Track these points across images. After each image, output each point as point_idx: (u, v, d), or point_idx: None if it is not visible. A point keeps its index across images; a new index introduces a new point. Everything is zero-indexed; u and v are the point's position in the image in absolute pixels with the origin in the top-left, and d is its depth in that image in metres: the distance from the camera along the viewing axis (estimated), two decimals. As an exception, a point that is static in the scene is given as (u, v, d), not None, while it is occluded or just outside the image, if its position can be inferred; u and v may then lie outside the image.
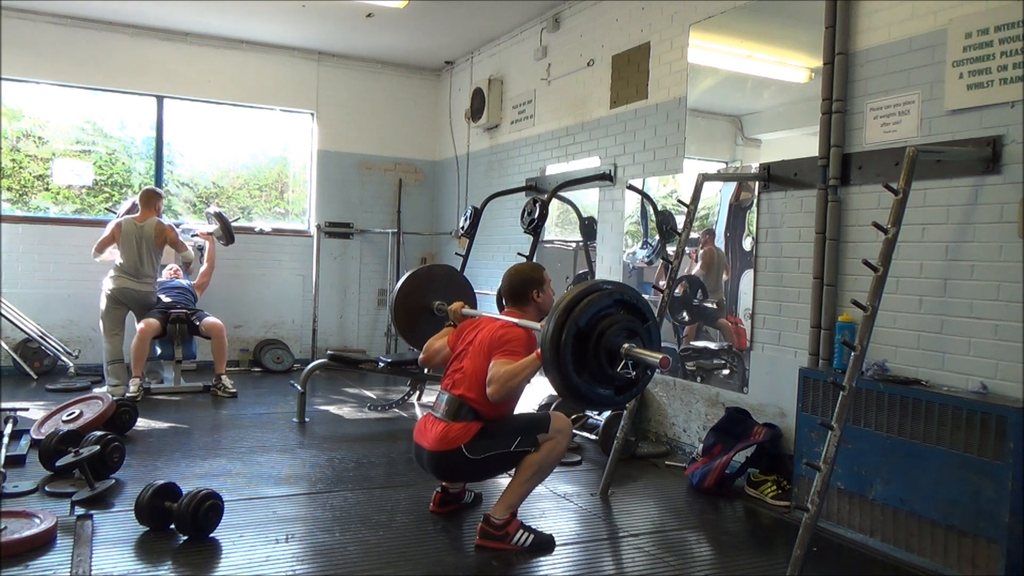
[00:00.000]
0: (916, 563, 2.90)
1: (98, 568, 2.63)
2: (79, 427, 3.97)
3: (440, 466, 3.04)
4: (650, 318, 2.73)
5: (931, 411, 2.88)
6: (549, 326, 2.57)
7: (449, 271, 4.27)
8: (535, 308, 3.15)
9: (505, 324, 3.05)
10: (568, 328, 2.54)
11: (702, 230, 4.41)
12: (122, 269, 5.60)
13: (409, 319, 3.97)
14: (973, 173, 2.97)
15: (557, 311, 2.58)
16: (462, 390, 3.01)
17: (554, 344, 2.55)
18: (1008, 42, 2.85)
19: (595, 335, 2.57)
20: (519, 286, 3.17)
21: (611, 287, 2.68)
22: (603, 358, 2.58)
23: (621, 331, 2.59)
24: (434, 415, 3.06)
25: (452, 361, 3.17)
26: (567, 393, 2.64)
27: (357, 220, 7.57)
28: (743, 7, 4.14)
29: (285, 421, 5.03)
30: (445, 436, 2.94)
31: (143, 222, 5.68)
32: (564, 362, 2.55)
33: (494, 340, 2.99)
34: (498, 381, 2.84)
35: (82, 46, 6.43)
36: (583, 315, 2.55)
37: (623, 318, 2.61)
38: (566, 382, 2.58)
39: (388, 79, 7.65)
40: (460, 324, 3.34)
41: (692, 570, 2.86)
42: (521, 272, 3.22)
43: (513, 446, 2.94)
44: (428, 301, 3.93)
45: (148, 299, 5.70)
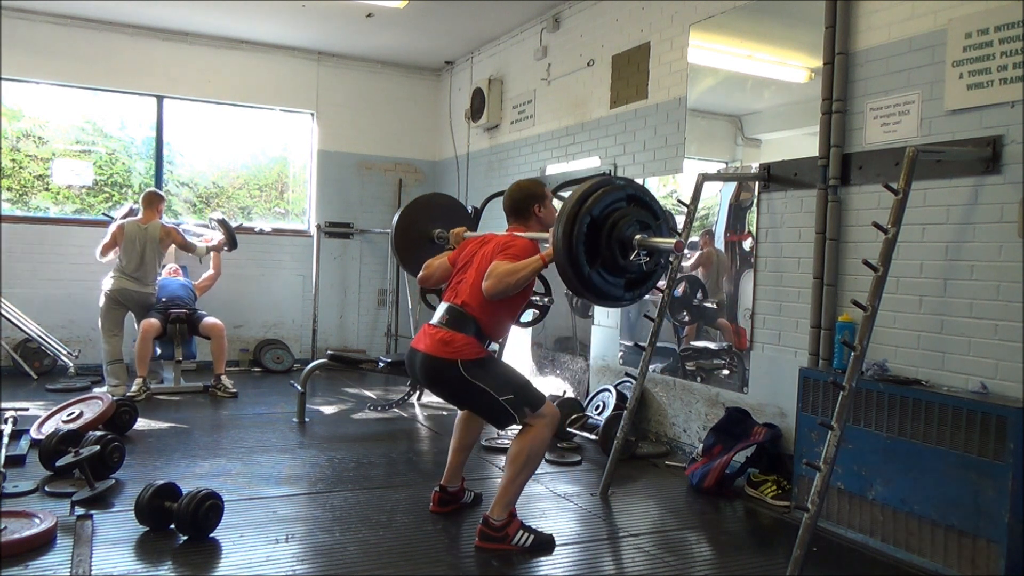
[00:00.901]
0: (916, 563, 2.90)
1: (98, 568, 2.63)
2: (79, 427, 3.97)
3: (431, 372, 2.95)
4: (661, 216, 2.76)
5: (931, 411, 2.88)
6: (561, 218, 2.57)
7: (450, 200, 4.11)
8: (537, 223, 3.12)
9: (510, 234, 3.02)
10: (581, 217, 2.55)
11: (701, 231, 4.40)
12: (123, 270, 5.59)
13: (409, 248, 3.85)
14: (973, 173, 2.97)
15: (570, 202, 2.58)
16: (463, 298, 2.96)
17: (567, 234, 2.54)
18: (1008, 42, 2.85)
19: (608, 225, 2.59)
20: (520, 200, 3.13)
21: (623, 182, 2.72)
22: (616, 248, 2.59)
23: (634, 223, 2.62)
24: (432, 323, 3.00)
25: (455, 274, 3.13)
26: (579, 285, 2.62)
27: (357, 220, 7.57)
28: (743, 7, 4.14)
29: (285, 421, 5.03)
30: (447, 341, 2.88)
31: (146, 224, 5.69)
32: (577, 252, 2.54)
33: (497, 248, 2.94)
34: (495, 276, 2.77)
35: (82, 46, 6.43)
36: (596, 205, 2.57)
37: (635, 212, 2.64)
38: (578, 272, 2.57)
39: (388, 79, 7.65)
40: (463, 242, 3.27)
41: (692, 570, 2.86)
42: (523, 187, 3.18)
43: (503, 398, 2.86)
44: (428, 229, 3.83)
45: (148, 300, 5.70)
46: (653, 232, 2.69)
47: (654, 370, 4.64)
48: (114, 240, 5.64)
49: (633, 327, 4.94)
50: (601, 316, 5.27)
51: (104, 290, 5.59)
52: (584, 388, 5.34)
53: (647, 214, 2.70)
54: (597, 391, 4.87)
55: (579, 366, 5.50)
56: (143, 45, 6.64)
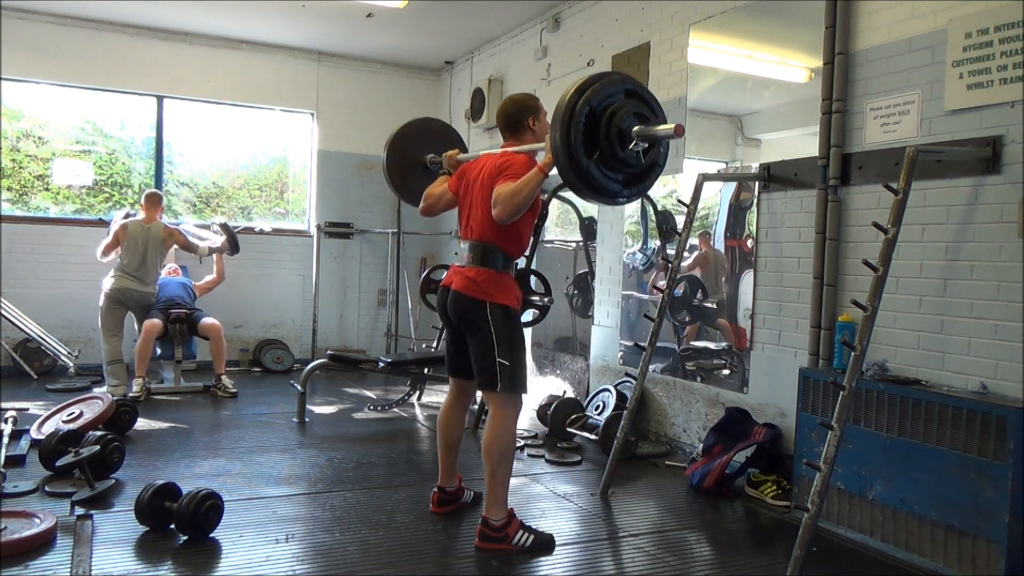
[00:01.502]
0: (916, 563, 2.90)
1: (98, 568, 2.63)
2: (79, 427, 3.97)
3: (460, 307, 2.98)
4: (659, 112, 2.73)
5: (931, 411, 2.88)
6: (559, 108, 2.54)
7: (443, 125, 4.03)
8: (532, 136, 3.09)
9: (504, 153, 3.00)
10: (580, 109, 2.52)
11: (698, 232, 4.40)
12: (124, 269, 5.60)
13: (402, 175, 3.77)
14: (973, 173, 2.97)
15: (568, 93, 2.55)
16: (479, 232, 2.97)
17: (565, 124, 2.51)
18: (1008, 42, 2.85)
19: (606, 116, 2.56)
20: (514, 114, 3.10)
21: (620, 76, 2.69)
22: (614, 139, 2.56)
23: (631, 115, 2.59)
24: (461, 266, 3.02)
25: (461, 208, 3.12)
26: (575, 176, 2.58)
27: (357, 220, 7.57)
28: (743, 7, 4.14)
29: (285, 421, 5.03)
30: (476, 279, 2.92)
31: (149, 224, 5.71)
32: (575, 143, 2.51)
33: (494, 170, 2.93)
34: (502, 201, 2.77)
35: (82, 46, 6.44)
36: (595, 96, 2.54)
37: (633, 105, 2.62)
38: (575, 165, 2.54)
39: (388, 79, 7.65)
40: (459, 168, 3.26)
41: (692, 570, 2.86)
42: (515, 100, 3.15)
43: (499, 358, 2.89)
44: (420, 155, 3.75)
45: (148, 300, 5.71)
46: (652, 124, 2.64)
47: (654, 370, 4.64)
48: (116, 240, 5.64)
49: (633, 327, 4.94)
50: (601, 316, 5.27)
51: (104, 289, 5.59)
52: (584, 388, 5.34)
53: (645, 108, 2.66)
54: (597, 391, 4.87)
55: (579, 366, 5.50)
56: (143, 45, 6.65)
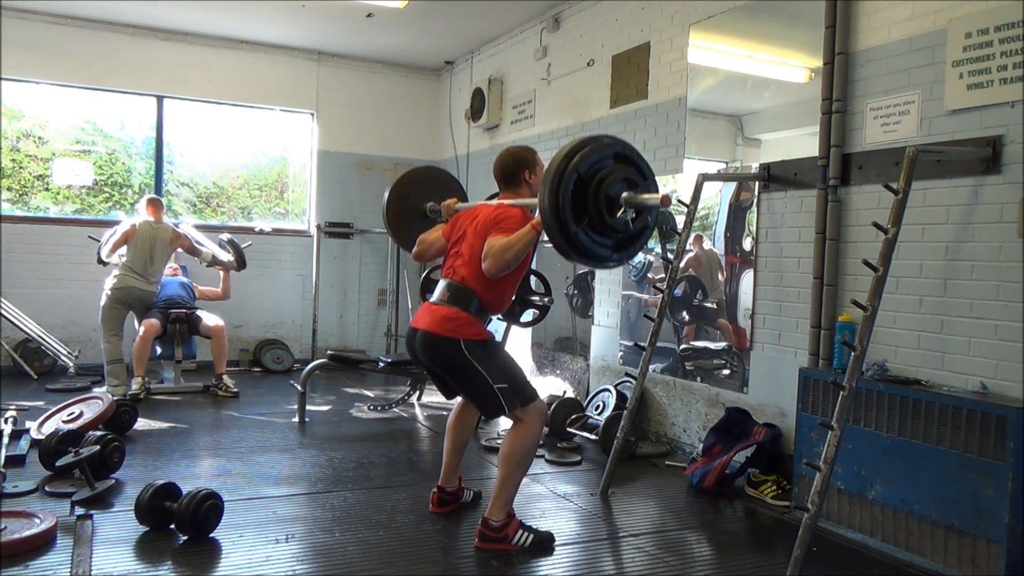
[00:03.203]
0: (916, 563, 2.90)
1: (98, 568, 2.63)
2: (79, 427, 3.97)
3: (432, 349, 2.93)
4: (649, 176, 2.72)
5: (931, 411, 2.88)
6: (548, 174, 2.54)
7: (442, 173, 4.06)
8: (528, 190, 3.10)
9: (500, 205, 2.99)
10: (568, 174, 2.51)
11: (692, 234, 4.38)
12: (130, 268, 5.60)
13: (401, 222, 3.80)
14: (973, 173, 2.97)
15: (557, 159, 2.55)
16: (462, 273, 2.95)
17: (553, 191, 2.51)
18: (1008, 42, 2.85)
19: (595, 183, 2.55)
20: (511, 166, 3.11)
21: (609, 140, 2.68)
22: (603, 205, 2.55)
23: (620, 180, 2.58)
24: (433, 302, 2.99)
25: (450, 249, 3.11)
26: (565, 243, 2.58)
27: (357, 220, 7.57)
28: (743, 7, 4.14)
29: (285, 421, 5.03)
30: (448, 319, 2.87)
31: (158, 225, 5.76)
32: (563, 209, 2.51)
33: (489, 221, 2.92)
34: (493, 254, 2.76)
35: (82, 46, 6.43)
36: (584, 162, 2.54)
37: (623, 170, 2.61)
38: (564, 231, 2.53)
39: (388, 79, 7.65)
40: (455, 215, 3.26)
41: (692, 570, 2.86)
42: (513, 153, 3.16)
43: (497, 385, 2.85)
44: (420, 203, 3.77)
45: (150, 299, 5.72)
46: (641, 190, 2.63)
47: (654, 370, 4.64)
48: (125, 238, 5.64)
49: (633, 327, 4.94)
50: (601, 316, 5.27)
51: (108, 288, 5.58)
52: (584, 388, 5.34)
53: (634, 172, 2.65)
54: (597, 391, 4.87)
55: (579, 366, 5.50)
56: (143, 45, 6.65)
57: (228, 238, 6.30)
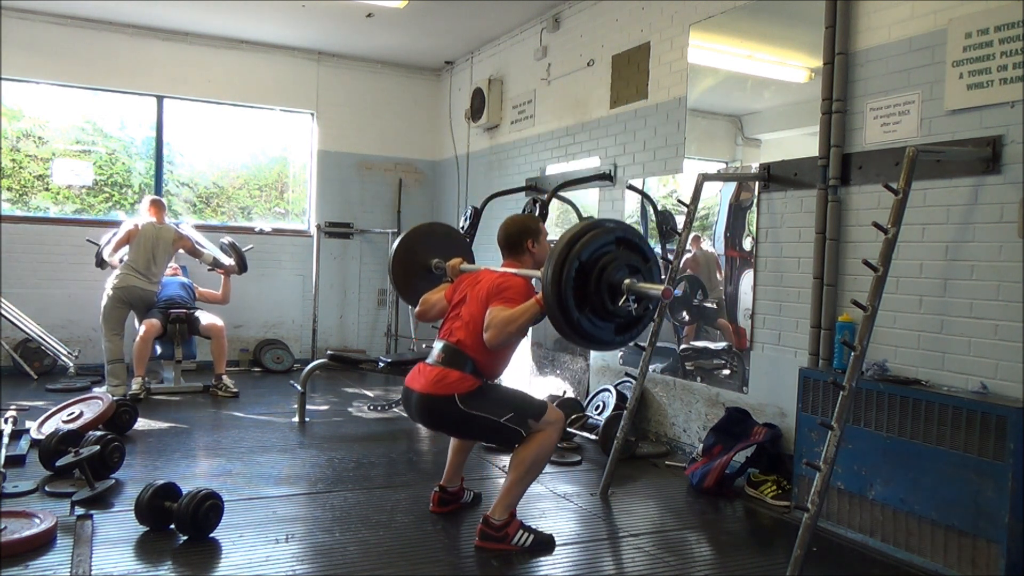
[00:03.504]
0: (916, 563, 2.90)
1: (98, 568, 2.63)
2: (79, 427, 3.97)
3: (428, 410, 2.96)
4: (651, 258, 2.74)
5: (931, 411, 2.88)
6: (550, 261, 2.56)
7: (448, 229, 4.12)
8: (531, 258, 3.12)
9: (504, 274, 3.01)
10: (570, 262, 2.54)
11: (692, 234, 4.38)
12: (133, 268, 5.60)
13: (407, 277, 3.86)
14: (973, 173, 2.97)
15: (559, 247, 2.57)
16: (460, 336, 2.96)
17: (556, 278, 2.53)
18: (1008, 42, 2.85)
19: (596, 270, 2.57)
20: (515, 235, 3.14)
21: (612, 224, 2.69)
22: (604, 293, 2.57)
23: (623, 267, 2.60)
24: (429, 363, 3.01)
25: (450, 311, 3.13)
26: (568, 330, 2.60)
27: (357, 220, 7.57)
28: (743, 7, 4.14)
29: (285, 421, 5.03)
30: (442, 379, 2.89)
31: (160, 225, 5.77)
32: (565, 297, 2.53)
33: (492, 289, 2.94)
34: (496, 326, 2.79)
35: (82, 46, 6.43)
36: (585, 250, 2.55)
37: (624, 255, 2.62)
38: (567, 318, 2.55)
39: (388, 79, 7.65)
40: (458, 277, 3.29)
41: (692, 570, 2.86)
42: (517, 222, 3.19)
43: (504, 418, 2.87)
44: (426, 259, 3.82)
45: (152, 299, 5.73)
46: (643, 276, 2.65)
47: (654, 370, 4.64)
48: (128, 237, 5.65)
49: (633, 327, 4.93)
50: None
51: (109, 287, 5.58)
52: (584, 388, 5.34)
53: (636, 257, 2.67)
54: (597, 391, 4.87)
55: (579, 366, 5.50)
56: (143, 45, 6.65)
57: (229, 241, 6.30)
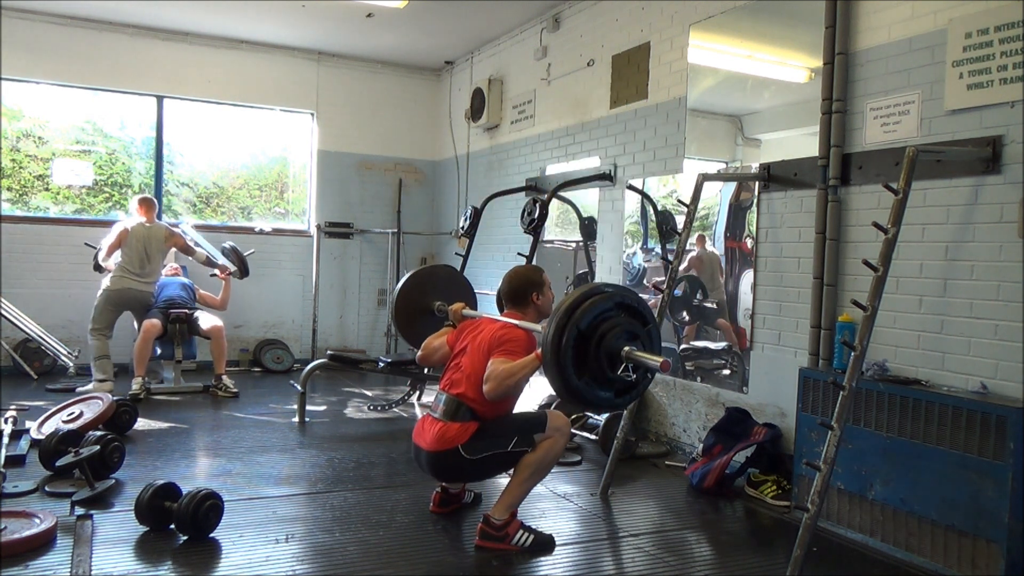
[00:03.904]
0: (916, 563, 2.90)
1: (98, 568, 2.63)
2: (79, 427, 3.97)
3: (438, 467, 3.04)
4: (651, 321, 2.73)
5: (931, 411, 2.88)
6: (550, 329, 2.57)
7: (450, 272, 4.27)
8: (535, 310, 3.16)
9: (505, 325, 3.05)
10: (569, 331, 2.54)
11: (695, 234, 4.39)
12: (126, 269, 5.60)
13: (409, 319, 3.97)
14: (973, 173, 2.97)
15: (558, 314, 2.57)
16: (461, 389, 3.00)
17: (555, 346, 2.54)
18: (1008, 42, 2.85)
19: (596, 337, 2.57)
20: (519, 288, 3.17)
21: (612, 290, 2.69)
22: (604, 360, 2.57)
23: (622, 334, 2.59)
24: (432, 415, 3.06)
25: (451, 361, 3.17)
26: (567, 395, 2.63)
27: (357, 220, 7.57)
28: (743, 7, 4.14)
29: (285, 421, 5.03)
30: (443, 436, 2.95)
31: (151, 224, 5.74)
32: (565, 364, 2.54)
33: (493, 340, 2.99)
34: (495, 379, 2.84)
35: (82, 46, 6.43)
36: (584, 318, 2.55)
37: (624, 321, 2.61)
38: (566, 384, 2.57)
39: (388, 79, 7.65)
40: (460, 324, 3.34)
41: (692, 570, 2.86)
42: (520, 274, 3.23)
43: (510, 446, 2.93)
44: (429, 301, 3.92)
45: (148, 299, 5.73)
46: (642, 342, 2.63)
47: (654, 370, 4.63)
48: (119, 240, 5.64)
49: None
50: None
51: (103, 288, 5.57)
52: (584, 388, 5.33)
53: (636, 322, 2.66)
54: (597, 391, 4.86)
55: (579, 366, 5.49)
56: (143, 45, 6.64)
57: (231, 246, 6.30)
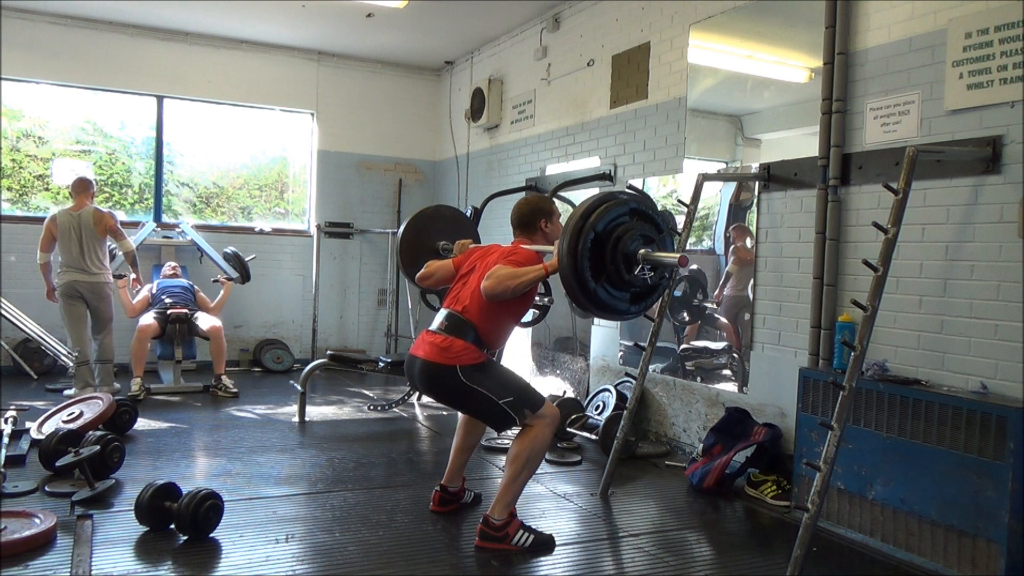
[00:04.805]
0: (916, 563, 2.90)
1: (98, 568, 2.63)
2: (79, 427, 3.97)
3: (429, 378, 2.97)
4: (664, 229, 2.77)
5: (931, 411, 2.88)
6: (566, 233, 2.59)
7: (455, 212, 4.10)
8: (543, 237, 3.13)
9: (515, 245, 3.05)
10: (586, 233, 2.57)
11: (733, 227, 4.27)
12: (66, 263, 5.32)
13: (414, 258, 3.83)
14: (973, 173, 2.97)
15: (574, 217, 2.60)
16: (465, 303, 2.97)
17: (572, 249, 2.56)
18: (1008, 42, 2.85)
19: (612, 240, 2.61)
20: (528, 215, 3.16)
21: (626, 196, 2.73)
22: (620, 263, 2.60)
23: (637, 237, 2.63)
24: (431, 330, 3.01)
25: (456, 281, 3.14)
26: (584, 300, 2.64)
27: (357, 220, 7.57)
28: (743, 7, 4.14)
29: (285, 421, 5.03)
30: (445, 348, 2.90)
31: (79, 211, 5.34)
32: (582, 268, 2.57)
33: (500, 257, 2.97)
34: (496, 277, 2.78)
35: (82, 46, 6.43)
36: (600, 221, 2.59)
37: (639, 226, 2.66)
38: (583, 288, 2.59)
39: (388, 79, 7.65)
40: (468, 249, 3.30)
41: (692, 570, 2.86)
42: (530, 201, 3.21)
43: (502, 401, 2.87)
44: (433, 241, 3.83)
45: (102, 290, 5.40)
46: (657, 246, 2.69)
47: (654, 370, 4.64)
48: (50, 234, 5.35)
49: (633, 327, 4.93)
50: (601, 316, 5.26)
51: (57, 289, 5.36)
52: (584, 388, 5.34)
53: (651, 227, 2.71)
54: (597, 391, 4.87)
55: (579, 366, 5.50)
56: (143, 45, 6.65)
57: (232, 251, 6.29)
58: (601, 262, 2.63)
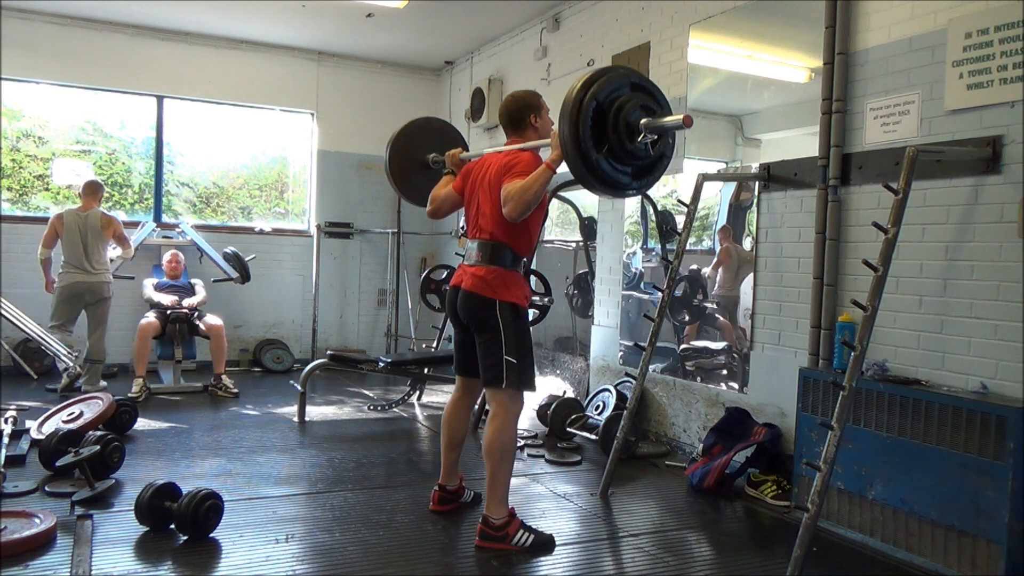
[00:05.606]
0: (916, 563, 2.90)
1: (98, 568, 2.63)
2: (79, 427, 3.97)
3: (470, 308, 2.99)
4: (664, 104, 2.76)
5: (931, 411, 2.88)
6: (567, 103, 2.57)
7: (443, 124, 4.05)
8: (534, 133, 3.11)
9: (508, 152, 3.03)
10: (587, 103, 2.55)
11: (720, 228, 4.33)
12: (69, 263, 5.40)
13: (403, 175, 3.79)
14: (973, 173, 2.97)
15: (575, 89, 2.58)
16: (489, 230, 2.99)
17: (573, 119, 2.54)
18: (1008, 42, 2.85)
19: (614, 110, 2.59)
20: (516, 111, 3.12)
21: (625, 70, 2.72)
22: (622, 132, 2.59)
23: (639, 107, 2.62)
24: (469, 264, 3.04)
25: (468, 208, 3.14)
26: (586, 172, 2.62)
27: (357, 220, 7.57)
28: (743, 7, 4.14)
29: (285, 421, 5.03)
30: (486, 278, 2.94)
31: (86, 212, 5.47)
32: (583, 137, 2.55)
33: (500, 170, 2.96)
34: (513, 199, 2.80)
35: (82, 46, 6.44)
36: (602, 91, 2.57)
37: (640, 98, 2.65)
38: (585, 159, 2.58)
39: (388, 79, 7.65)
40: (463, 169, 3.28)
41: (692, 570, 2.86)
42: (517, 97, 3.17)
43: (507, 357, 2.90)
44: (422, 154, 3.77)
45: (102, 289, 5.49)
46: (659, 116, 2.66)
47: (654, 370, 4.64)
48: (54, 231, 5.44)
49: (633, 327, 4.93)
50: (601, 316, 5.27)
51: (57, 285, 5.44)
52: (584, 388, 5.34)
53: (651, 100, 2.69)
54: (597, 391, 4.87)
55: (579, 366, 5.50)
56: (143, 45, 6.65)
57: (232, 251, 6.28)
58: (603, 133, 2.60)
